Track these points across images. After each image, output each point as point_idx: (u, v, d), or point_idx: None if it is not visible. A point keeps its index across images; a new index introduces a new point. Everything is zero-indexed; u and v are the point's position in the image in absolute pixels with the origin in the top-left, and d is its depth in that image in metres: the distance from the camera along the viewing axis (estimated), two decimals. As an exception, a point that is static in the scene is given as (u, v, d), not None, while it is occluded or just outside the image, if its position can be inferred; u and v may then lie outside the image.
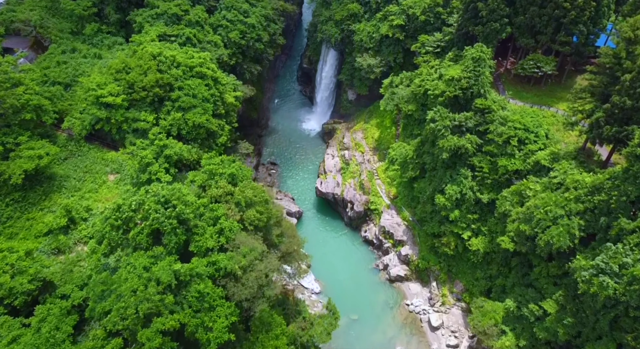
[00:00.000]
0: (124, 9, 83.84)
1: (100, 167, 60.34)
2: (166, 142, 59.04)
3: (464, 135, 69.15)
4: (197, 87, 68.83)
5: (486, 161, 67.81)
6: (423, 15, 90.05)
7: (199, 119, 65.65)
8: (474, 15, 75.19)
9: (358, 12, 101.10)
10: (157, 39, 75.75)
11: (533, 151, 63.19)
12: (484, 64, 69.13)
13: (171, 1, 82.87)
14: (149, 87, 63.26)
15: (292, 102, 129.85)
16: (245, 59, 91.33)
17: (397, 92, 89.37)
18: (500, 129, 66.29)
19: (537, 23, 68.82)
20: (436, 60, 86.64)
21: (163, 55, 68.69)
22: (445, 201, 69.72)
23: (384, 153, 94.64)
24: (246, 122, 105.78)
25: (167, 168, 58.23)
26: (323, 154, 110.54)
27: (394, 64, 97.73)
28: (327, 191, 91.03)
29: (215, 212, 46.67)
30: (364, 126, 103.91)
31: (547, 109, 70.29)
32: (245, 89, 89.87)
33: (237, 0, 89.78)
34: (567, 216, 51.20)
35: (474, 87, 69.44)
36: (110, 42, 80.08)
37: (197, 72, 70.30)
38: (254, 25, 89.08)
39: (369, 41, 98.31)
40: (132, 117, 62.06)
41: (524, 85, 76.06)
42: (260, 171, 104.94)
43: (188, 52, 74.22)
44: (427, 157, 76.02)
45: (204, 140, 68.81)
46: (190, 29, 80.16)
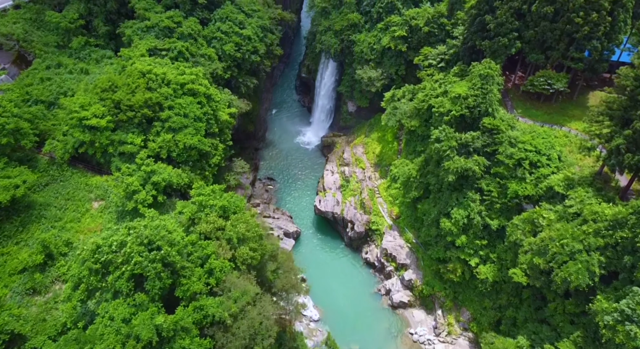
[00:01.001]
0: (114, 21, 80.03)
1: (84, 193, 56.42)
2: (154, 168, 55.14)
3: (470, 156, 65.37)
4: (188, 105, 65.00)
5: (495, 184, 64.01)
6: (426, 27, 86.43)
7: (190, 140, 61.77)
8: (481, 29, 71.51)
9: (358, 22, 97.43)
10: (147, 53, 71.92)
11: (545, 175, 59.40)
12: (492, 81, 65.40)
13: (163, 13, 79.17)
14: (137, 107, 59.39)
15: (290, 113, 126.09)
16: (241, 72, 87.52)
17: (399, 107, 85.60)
18: (509, 151, 62.51)
19: (548, 38, 65.14)
20: (440, 73, 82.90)
21: (153, 72, 64.83)
22: (452, 225, 65.89)
23: (386, 170, 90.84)
24: (242, 135, 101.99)
25: (154, 195, 54.32)
26: (322, 169, 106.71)
27: (395, 76, 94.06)
28: (327, 209, 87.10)
29: (204, 251, 42.78)
30: (364, 140, 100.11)
31: (558, 128, 66.51)
32: (241, 104, 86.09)
33: (232, 11, 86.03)
34: (585, 251, 47.36)
35: (482, 106, 65.69)
36: (99, 56, 76.22)
37: (188, 89, 66.45)
38: (250, 37, 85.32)
39: (369, 53, 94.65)
40: (118, 140, 58.15)
41: (534, 102, 72.34)
42: (257, 187, 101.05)
43: (179, 68, 70.38)
44: (431, 177, 72.22)
45: (195, 162, 64.92)
46: (182, 43, 76.34)
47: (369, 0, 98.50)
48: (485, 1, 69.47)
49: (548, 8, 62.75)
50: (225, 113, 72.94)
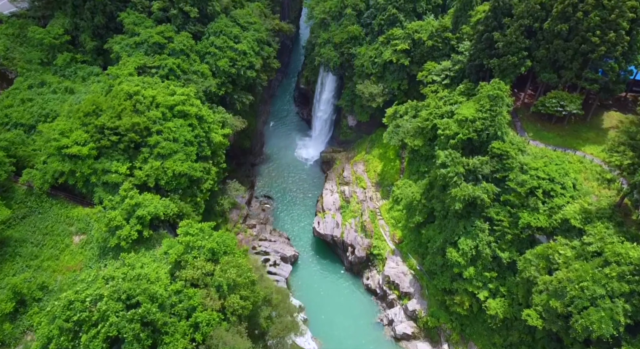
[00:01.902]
0: (102, 36, 76.01)
1: (64, 227, 52.36)
2: (139, 200, 51.05)
3: (479, 183, 61.42)
4: (178, 129, 61.00)
5: (505, 212, 60.01)
6: (430, 41, 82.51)
7: (180, 167, 57.72)
8: (489, 46, 67.61)
9: (359, 34, 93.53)
10: (136, 72, 67.95)
11: (560, 205, 55.42)
12: (501, 103, 61.51)
13: (153, 27, 75.20)
14: (123, 130, 55.35)
15: (289, 126, 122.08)
16: (236, 88, 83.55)
17: (401, 125, 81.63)
18: (521, 178, 58.55)
19: (560, 57, 61.26)
20: (445, 90, 78.98)
21: (141, 94, 60.84)
22: (459, 256, 61.87)
23: (388, 190, 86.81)
24: (238, 151, 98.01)
25: (140, 230, 50.20)
26: (321, 186, 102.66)
27: (397, 91, 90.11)
28: (326, 232, 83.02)
29: (190, 301, 38.69)
30: (365, 156, 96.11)
31: (572, 152, 62.56)
32: (236, 122, 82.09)
33: (227, 25, 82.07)
34: (609, 296, 43.39)
35: (490, 129, 61.78)
36: (85, 73, 72.18)
37: (178, 111, 62.45)
38: (246, 51, 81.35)
39: (370, 67, 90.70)
40: (101, 169, 54.04)
41: (545, 123, 68.42)
42: (253, 206, 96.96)
43: (170, 87, 66.36)
44: (436, 203, 68.21)
45: (186, 189, 60.90)
46: (173, 59, 72.37)
47: (369, 12, 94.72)
48: (493, 17, 65.65)
49: (561, 26, 58.91)
50: (219, 134, 68.95)
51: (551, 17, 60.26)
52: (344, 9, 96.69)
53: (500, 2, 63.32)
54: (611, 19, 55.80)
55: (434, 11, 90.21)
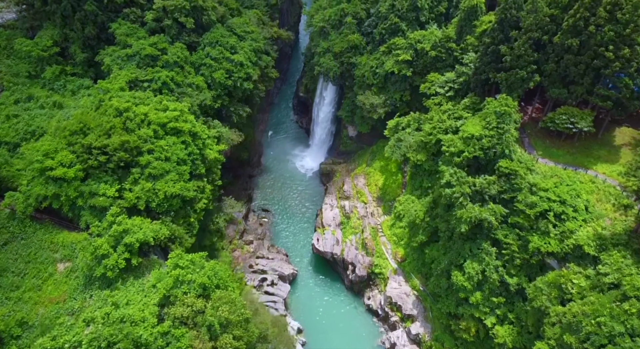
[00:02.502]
0: (93, 47, 73.23)
1: (48, 254, 49.50)
2: (127, 227, 48.14)
3: (486, 204, 58.57)
4: (171, 147, 58.17)
5: (514, 235, 57.15)
6: (433, 51, 79.74)
7: (172, 188, 54.87)
8: (495, 59, 64.80)
9: (359, 43, 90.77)
10: (127, 86, 65.14)
11: (572, 230, 52.57)
12: (509, 120, 58.78)
13: (146, 38, 72.37)
14: (112, 150, 52.52)
15: (287, 135, 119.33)
16: (232, 101, 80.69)
17: (404, 139, 78.84)
18: (530, 199, 55.67)
19: (571, 72, 58.49)
20: (449, 103, 76.17)
21: (131, 111, 58.01)
22: (464, 280, 59.00)
23: (390, 205, 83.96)
24: (235, 163, 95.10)
25: (128, 258, 47.32)
26: (321, 198, 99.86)
27: (400, 103, 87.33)
28: (325, 250, 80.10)
29: (178, 343, 35.81)
30: (366, 169, 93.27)
31: (583, 171, 59.68)
32: (232, 136, 79.22)
33: (223, 35, 79.26)
34: (629, 335, 40.57)
35: (497, 147, 59.05)
36: (75, 87, 69.39)
37: (171, 128, 59.64)
38: (242, 63, 78.50)
39: (371, 77, 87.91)
40: (88, 191, 51.17)
41: (554, 139, 65.56)
42: (250, 220, 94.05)
43: (162, 102, 63.53)
44: (440, 222, 65.38)
45: (179, 210, 58.02)
46: (167, 72, 69.53)
47: (370, 21, 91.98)
48: (499, 30, 62.85)
49: (572, 40, 56.12)
50: (214, 151, 66.02)
51: (561, 31, 57.51)
52: (344, 17, 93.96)
53: (508, 15, 60.57)
54: (626, 34, 53.08)
55: (437, 20, 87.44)
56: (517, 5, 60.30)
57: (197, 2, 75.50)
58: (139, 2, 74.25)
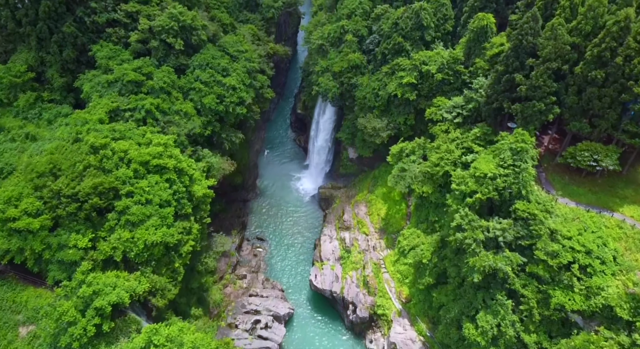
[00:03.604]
0: (72, 71, 67.70)
1: (9, 316, 43.79)
2: (100, 286, 42.46)
3: (501, 250, 53.07)
4: (153, 188, 52.59)
5: (533, 287, 51.60)
6: (440, 74, 74.40)
7: (153, 236, 49.24)
8: (509, 88, 59.46)
9: (360, 63, 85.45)
10: (107, 116, 59.59)
11: (600, 286, 47.07)
12: (526, 157, 53.36)
13: (130, 61, 66.87)
14: (83, 196, 46.91)
15: (285, 154, 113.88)
16: (224, 127, 75.12)
17: (408, 169, 73.30)
18: (551, 248, 50.13)
19: (595, 106, 53.11)
20: (457, 130, 70.78)
21: (110, 147, 52.47)
22: (477, 335, 53.33)
23: (393, 238, 78.37)
24: (228, 188, 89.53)
25: (98, 324, 41.63)
26: (319, 224, 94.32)
27: (404, 126, 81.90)
28: (324, 287, 74.40)
29: None
30: (367, 196, 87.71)
31: (609, 214, 54.21)
32: (224, 165, 73.73)
33: (214, 56, 73.79)
34: None
35: (513, 187, 53.58)
36: (52, 115, 63.74)
37: (154, 165, 54.06)
38: (235, 86, 73.01)
39: (373, 99, 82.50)
40: (57, 243, 45.59)
41: (573, 175, 60.10)
42: (244, 250, 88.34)
43: (146, 135, 58.03)
44: (449, 266, 59.85)
45: (161, 257, 52.39)
46: (152, 99, 64.01)
47: (372, 38, 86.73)
48: (514, 56, 57.42)
49: (597, 72, 50.76)
50: (202, 187, 60.52)
51: (584, 61, 52.18)
52: (344, 34, 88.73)
53: (524, 41, 55.20)
54: (658, 67, 47.86)
55: (444, 39, 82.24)
56: (533, 31, 54.97)
57: (186, 21, 70.15)
58: (122, 21, 68.82)
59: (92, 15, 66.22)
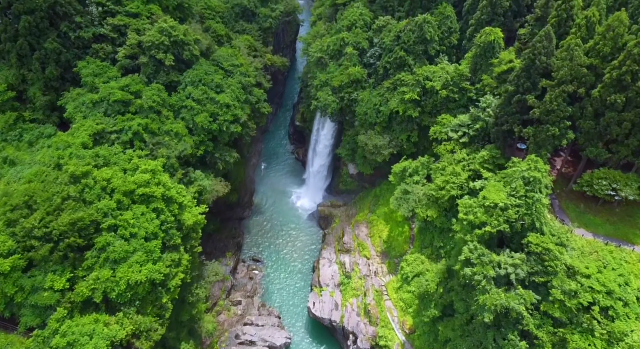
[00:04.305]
0: (56, 88, 63.97)
1: (-23, 368, 40.24)
2: (75, 336, 38.64)
3: (513, 288, 49.30)
4: (138, 219, 48.78)
5: (548, 328, 47.78)
6: (444, 90, 70.81)
7: (137, 275, 45.41)
8: (520, 110, 55.79)
9: (361, 77, 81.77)
10: (91, 139, 55.82)
11: (624, 331, 43.31)
12: (539, 187, 49.65)
13: (118, 79, 63.15)
14: (57, 236, 43.06)
15: (282, 168, 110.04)
16: (218, 146, 71.33)
17: (411, 191, 69.52)
18: (568, 286, 46.38)
19: (613, 131, 49.47)
20: (463, 150, 67.07)
21: (92, 176, 48.70)
22: (488, 378, 49.62)
23: (396, 262, 74.53)
24: (223, 206, 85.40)
25: (74, 378, 37.81)
26: (318, 245, 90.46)
27: (406, 144, 78.19)
28: (323, 315, 70.56)
29: None
30: (368, 216, 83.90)
31: (629, 248, 50.52)
32: (218, 186, 69.87)
33: (207, 72, 70.07)
34: None
35: (526, 218, 49.83)
36: (33, 137, 60.00)
37: (140, 195, 50.28)
38: (229, 104, 69.28)
39: (374, 115, 78.82)
40: (30, 285, 41.86)
41: (589, 203, 56.40)
42: (239, 272, 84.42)
43: (132, 161, 54.25)
44: (457, 299, 55.94)
45: (147, 294, 48.50)
46: (140, 119, 60.20)
47: (373, 51, 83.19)
48: (526, 77, 53.73)
49: (616, 96, 47.15)
50: (193, 214, 56.68)
51: (602, 84, 48.55)
52: (344, 47, 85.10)
53: (537, 61, 51.54)
54: (685, 92, 44.30)
55: (448, 52, 78.67)
56: (547, 50, 51.35)
57: (177, 36, 66.47)
58: (110, 36, 65.15)
59: (77, 30, 62.59)
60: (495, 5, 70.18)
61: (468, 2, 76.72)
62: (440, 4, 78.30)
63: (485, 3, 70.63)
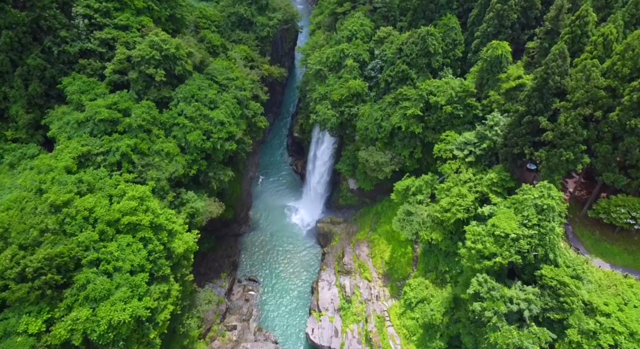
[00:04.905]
0: (40, 106, 60.69)
1: None
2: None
3: (526, 325, 46.00)
4: (124, 251, 45.45)
5: (564, 369, 44.62)
6: (449, 106, 67.57)
7: (120, 314, 42.03)
8: (531, 131, 52.55)
9: (362, 91, 78.55)
10: (76, 162, 52.49)
11: (647, 378, 40.11)
12: (552, 215, 46.37)
13: (105, 96, 59.86)
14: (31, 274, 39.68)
15: (280, 180, 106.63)
16: (212, 164, 68.05)
17: (415, 212, 66.17)
18: (586, 325, 43.13)
19: (633, 156, 46.23)
20: (469, 170, 63.83)
21: (74, 205, 45.36)
22: None
23: (399, 286, 71.18)
24: (218, 224, 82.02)
25: None
26: (317, 263, 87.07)
27: (409, 161, 74.92)
28: (322, 343, 67.07)
29: None
30: (369, 235, 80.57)
31: (649, 281, 47.35)
32: (212, 207, 66.57)
33: (201, 87, 66.83)
34: None
35: (539, 249, 46.57)
36: (15, 158, 56.69)
37: (126, 224, 46.93)
38: (223, 121, 65.98)
39: (376, 131, 75.52)
40: (3, 329, 38.49)
41: (605, 230, 53.07)
42: (235, 293, 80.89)
43: (119, 186, 50.92)
44: (465, 334, 52.65)
45: (132, 332, 45.10)
46: (129, 139, 56.89)
47: (374, 63, 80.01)
48: (537, 97, 50.47)
49: (637, 121, 43.96)
50: (184, 241, 53.28)
51: (621, 107, 45.32)
52: (344, 58, 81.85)
53: (550, 82, 48.28)
54: None
55: (453, 65, 75.43)
56: (561, 70, 48.13)
57: (169, 50, 63.23)
58: (97, 51, 61.89)
59: (62, 45, 59.34)
60: (503, 18, 67.00)
61: (473, 13, 73.56)
62: (444, 14, 75.20)
63: (492, 15, 67.46)
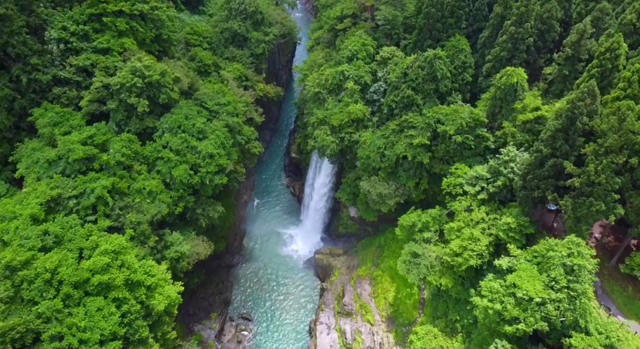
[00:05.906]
0: (10, 139, 54.97)
1: None
2: None
3: (553, 401, 40.41)
4: (92, 319, 39.61)
5: None
6: (459, 136, 62.04)
7: (84, 399, 36.33)
8: (554, 175, 47.00)
9: (363, 116, 72.94)
10: (44, 209, 46.67)
11: None
12: (583, 276, 40.76)
13: (81, 128, 54.15)
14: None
15: (276, 204, 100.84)
16: (200, 199, 62.33)
17: (422, 253, 60.44)
18: (623, 408, 37.61)
19: (674, 209, 40.86)
20: (482, 208, 58.19)
21: (34, 266, 39.56)
22: None
23: (404, 332, 65.37)
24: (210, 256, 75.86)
25: None
26: (316, 299, 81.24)
27: (415, 192, 69.34)
28: (320, 397, 61.69)
29: None
30: (372, 271, 74.80)
31: (692, 351, 41.72)
32: (200, 247, 60.75)
33: (188, 116, 61.09)
34: None
35: (568, 315, 40.90)
36: (-21, 199, 51.07)
37: (96, 283, 41.14)
38: (212, 154, 60.22)
39: (378, 160, 69.86)
40: None
41: (637, 283, 47.55)
42: (226, 334, 74.89)
43: (91, 237, 45.14)
44: (481, 401, 47.13)
45: (102, 411, 39.39)
46: (105, 179, 51.14)
47: (377, 87, 74.44)
48: (563, 138, 44.92)
49: (681, 171, 38.59)
50: (166, 295, 47.43)
51: (661, 154, 40.00)
52: (344, 81, 76.31)
53: (578, 123, 42.74)
54: None
55: (462, 89, 70.00)
56: (590, 109, 42.63)
57: (152, 77, 57.55)
58: (73, 79, 56.22)
59: (33, 73, 53.67)
60: (517, 41, 61.62)
61: (484, 34, 68.15)
62: (452, 35, 69.80)
63: (505, 38, 62.03)
